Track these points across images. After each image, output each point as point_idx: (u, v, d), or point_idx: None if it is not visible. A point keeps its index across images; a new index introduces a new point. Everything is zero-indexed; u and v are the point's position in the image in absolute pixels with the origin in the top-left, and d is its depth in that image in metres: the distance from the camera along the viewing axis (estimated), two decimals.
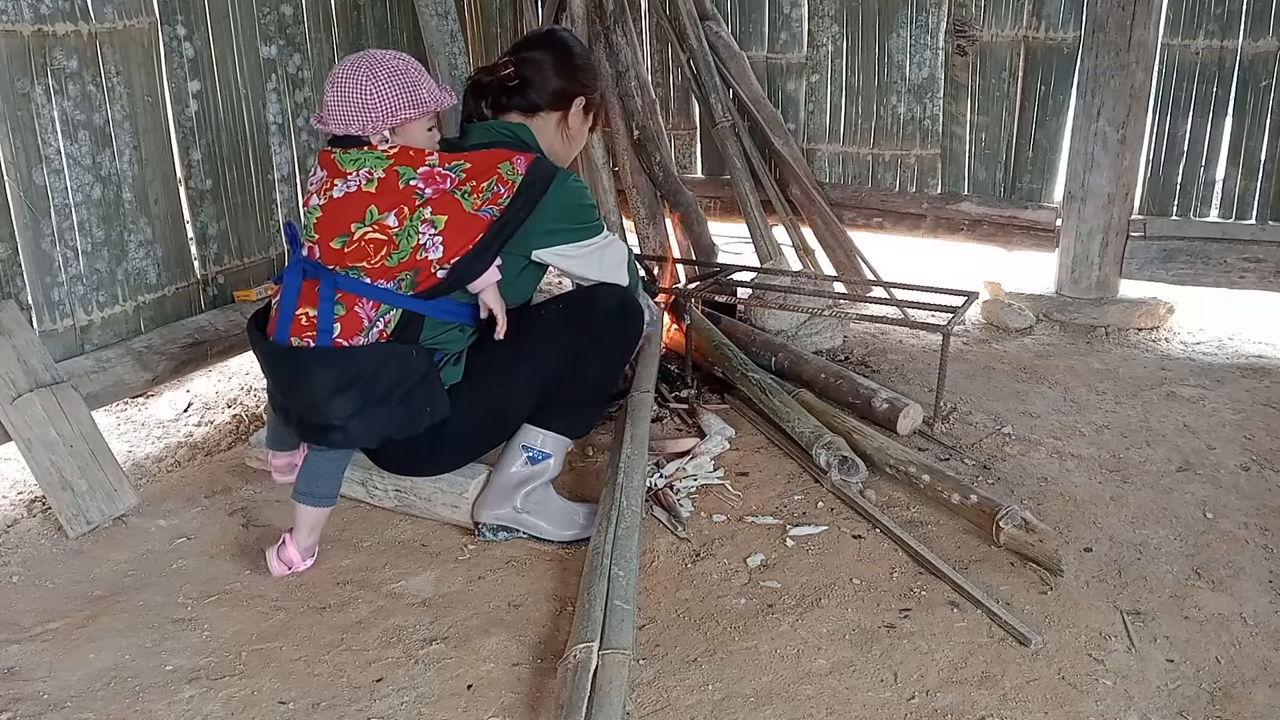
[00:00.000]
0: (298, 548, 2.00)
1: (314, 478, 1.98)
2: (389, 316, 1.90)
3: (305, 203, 1.95)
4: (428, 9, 3.00)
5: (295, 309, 1.89)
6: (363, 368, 1.87)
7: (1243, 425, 2.64)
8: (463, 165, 1.90)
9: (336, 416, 1.88)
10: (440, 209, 1.87)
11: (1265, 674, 1.70)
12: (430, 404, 1.94)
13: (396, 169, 1.87)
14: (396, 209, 1.85)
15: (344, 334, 1.87)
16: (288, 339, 1.89)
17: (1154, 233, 3.42)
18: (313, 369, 1.88)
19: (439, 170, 1.88)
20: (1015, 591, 1.92)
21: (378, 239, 1.85)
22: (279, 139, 2.93)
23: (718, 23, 3.76)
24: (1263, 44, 3.19)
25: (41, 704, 1.64)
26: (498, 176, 1.91)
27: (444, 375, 1.99)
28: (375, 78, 1.86)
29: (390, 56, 1.90)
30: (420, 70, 1.92)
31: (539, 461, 2.10)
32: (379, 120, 1.86)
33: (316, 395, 1.88)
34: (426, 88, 1.91)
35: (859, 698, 1.65)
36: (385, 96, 1.86)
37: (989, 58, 3.56)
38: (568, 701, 1.51)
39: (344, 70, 1.88)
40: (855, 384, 2.66)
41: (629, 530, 1.93)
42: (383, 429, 1.95)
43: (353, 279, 1.87)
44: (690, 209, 3.53)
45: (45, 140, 2.33)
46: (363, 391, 1.87)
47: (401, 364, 1.90)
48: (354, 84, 1.86)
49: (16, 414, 2.14)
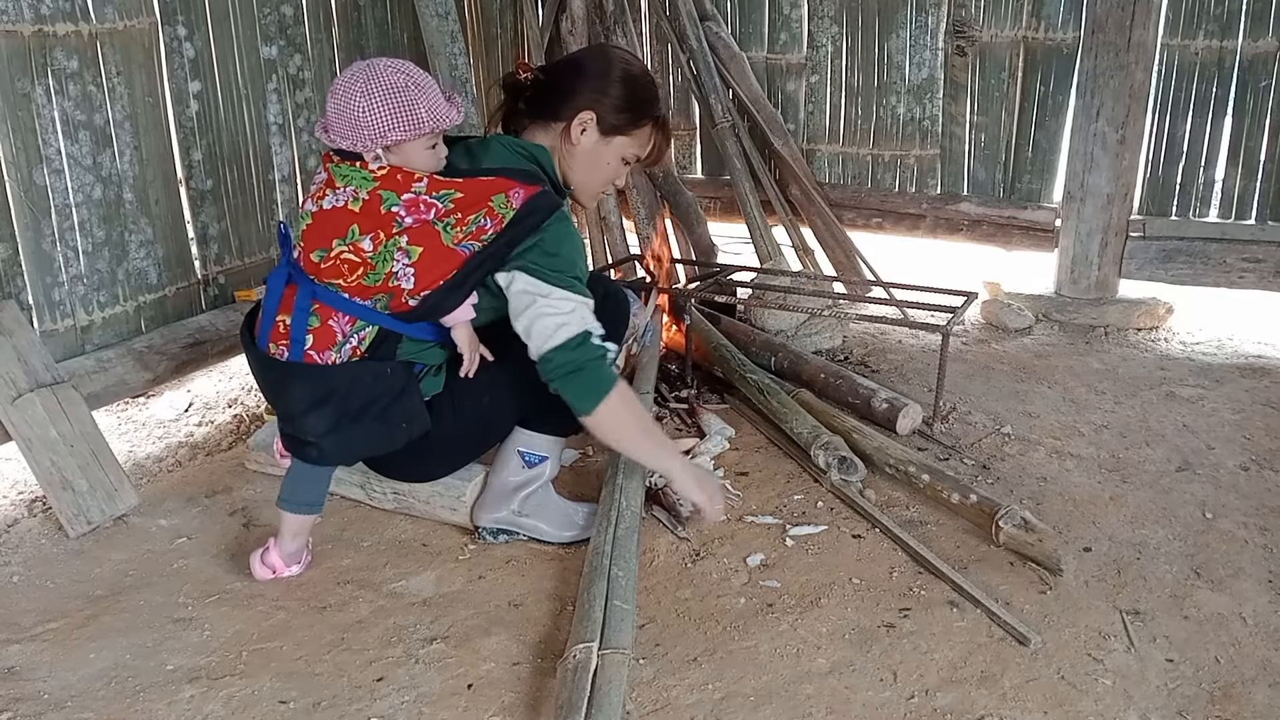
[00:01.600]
0: (281, 553, 1.99)
1: (297, 485, 1.96)
2: (364, 333, 1.86)
3: (302, 204, 1.91)
4: (428, 9, 3.00)
5: (275, 314, 1.87)
6: (337, 385, 1.85)
7: (1242, 425, 2.65)
8: (452, 195, 1.80)
9: (311, 433, 1.87)
10: (417, 239, 1.79)
11: (1265, 674, 1.71)
12: (407, 420, 1.92)
13: (380, 192, 1.78)
14: (373, 234, 1.78)
15: (316, 346, 1.84)
16: (267, 346, 1.88)
17: (1153, 233, 3.42)
18: (289, 382, 1.87)
19: (424, 198, 1.79)
20: (1015, 591, 1.92)
21: (352, 260, 1.80)
22: (279, 139, 2.93)
23: (717, 23, 3.76)
24: (1262, 44, 3.19)
25: (42, 704, 1.65)
26: (487, 209, 1.80)
27: (424, 386, 1.96)
28: (369, 94, 1.75)
29: (391, 71, 1.78)
30: (421, 87, 1.79)
31: (535, 465, 2.09)
32: (369, 139, 1.77)
33: (292, 409, 1.87)
34: (426, 106, 1.78)
35: (859, 697, 1.65)
36: (377, 116, 1.76)
37: (988, 58, 3.56)
38: (567, 701, 1.51)
39: (343, 81, 1.80)
40: (855, 384, 2.66)
41: (629, 531, 1.94)
42: (359, 448, 1.96)
43: (330, 292, 1.83)
44: (690, 209, 3.54)
45: (46, 140, 2.33)
46: (337, 409, 1.85)
47: (377, 381, 1.87)
48: (348, 99, 1.77)
49: (17, 414, 2.14)
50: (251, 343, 1.93)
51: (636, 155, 2.05)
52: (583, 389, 1.84)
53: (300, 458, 1.93)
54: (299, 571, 2.02)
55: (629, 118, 1.99)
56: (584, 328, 1.83)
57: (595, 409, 1.84)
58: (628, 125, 2.00)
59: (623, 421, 1.90)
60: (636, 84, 2.01)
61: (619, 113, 1.98)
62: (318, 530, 2.13)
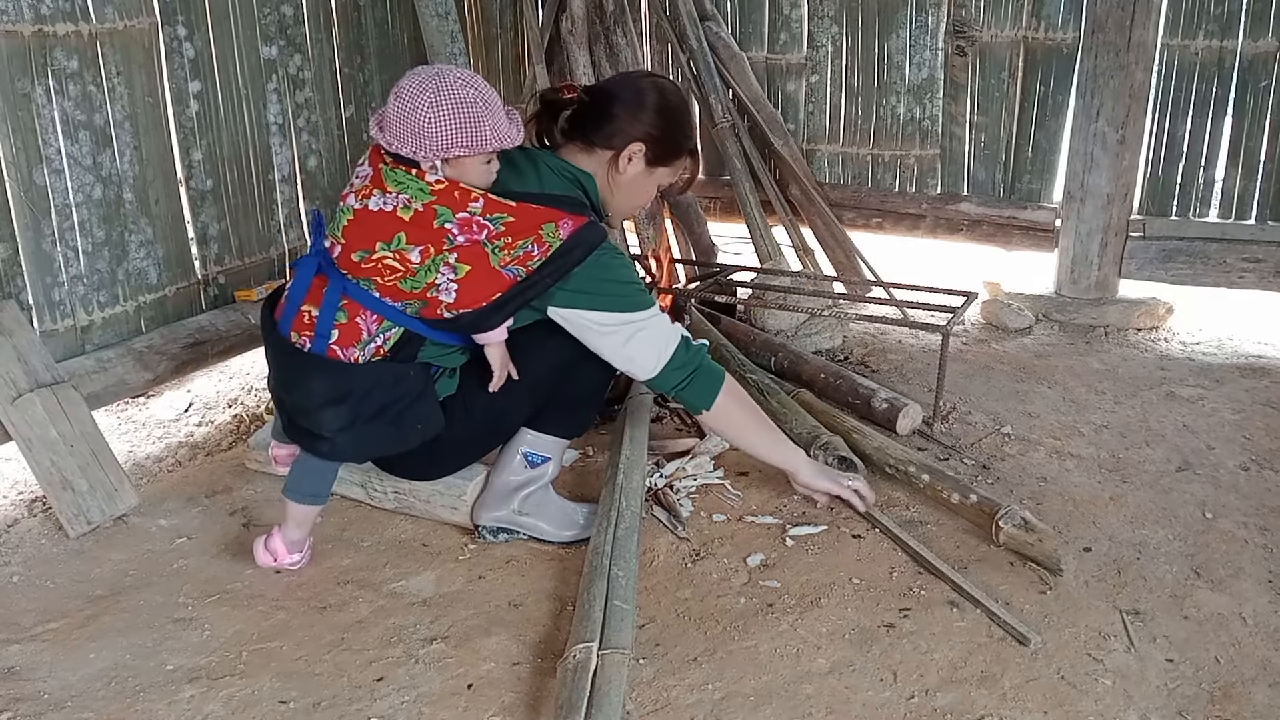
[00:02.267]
0: (284, 540, 1.99)
1: (304, 475, 1.96)
2: (389, 334, 1.87)
3: (342, 198, 1.89)
4: (428, 9, 3.00)
5: (301, 303, 1.87)
6: (356, 385, 1.85)
7: (1242, 425, 2.64)
8: (504, 218, 1.80)
9: (326, 428, 1.87)
10: (466, 258, 1.79)
11: (1265, 674, 1.71)
12: (422, 422, 1.92)
13: (435, 207, 1.77)
14: (423, 246, 1.78)
15: (340, 342, 1.85)
16: (288, 333, 1.88)
17: (1153, 233, 3.42)
18: (307, 375, 1.87)
19: (478, 219, 1.79)
20: (1015, 591, 1.92)
21: (394, 266, 1.80)
22: (279, 139, 2.93)
23: (717, 23, 3.76)
24: (1262, 44, 3.19)
25: (42, 704, 1.65)
26: (536, 237, 1.81)
27: (439, 388, 1.97)
28: (438, 106, 1.73)
29: (461, 85, 1.76)
30: (489, 104, 1.78)
31: (538, 465, 2.10)
32: (432, 150, 1.75)
33: (309, 401, 1.87)
34: (491, 124, 1.77)
35: (859, 697, 1.65)
36: (444, 129, 1.74)
37: (988, 58, 3.56)
38: (567, 701, 1.51)
39: (410, 87, 1.76)
40: (855, 384, 2.66)
41: (629, 531, 1.94)
42: (371, 447, 1.96)
43: (361, 289, 1.84)
44: (690, 209, 3.53)
45: (46, 140, 2.33)
46: (354, 408, 1.86)
47: (397, 383, 1.88)
48: (414, 106, 1.74)
49: (17, 414, 2.14)
50: (274, 326, 1.92)
51: (670, 182, 2.15)
52: (702, 389, 1.99)
53: (310, 451, 1.93)
54: (299, 562, 2.02)
55: (673, 149, 2.06)
56: (679, 335, 1.96)
57: (713, 404, 1.99)
58: (671, 157, 2.06)
59: (737, 415, 2.05)
60: (680, 117, 2.08)
61: (665, 144, 2.03)
62: (318, 530, 2.13)
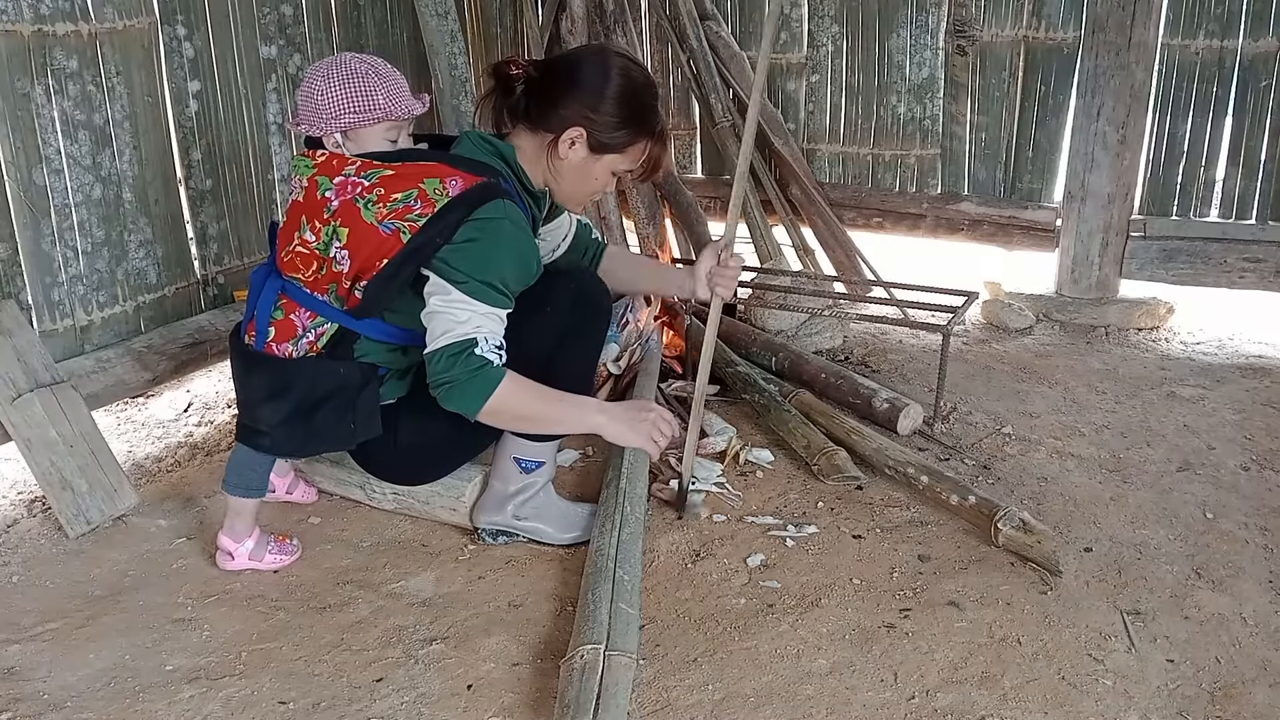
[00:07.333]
0: (226, 533, 2.00)
1: (242, 470, 2.00)
2: (322, 329, 1.90)
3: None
4: (428, 9, 3.00)
5: (255, 307, 1.95)
6: (292, 380, 1.89)
7: (1243, 425, 2.64)
8: (379, 173, 1.79)
9: (264, 422, 1.92)
10: (343, 219, 1.80)
11: (1265, 674, 1.70)
12: (358, 422, 1.92)
13: (317, 179, 1.83)
14: (311, 222, 1.84)
15: (277, 339, 1.91)
16: (244, 335, 1.97)
17: (1154, 233, 3.42)
18: (250, 370, 1.94)
19: (353, 179, 1.80)
20: (1015, 591, 1.92)
21: (304, 253, 1.86)
22: (279, 139, 2.93)
23: (718, 23, 3.76)
24: (1263, 44, 3.19)
25: (41, 704, 1.65)
26: (419, 191, 1.75)
27: (385, 390, 1.96)
28: (330, 79, 1.83)
29: (356, 61, 1.85)
30: (385, 77, 1.85)
31: (532, 471, 2.08)
32: (325, 123, 1.84)
33: (252, 396, 1.94)
34: (386, 93, 1.83)
35: (859, 698, 1.65)
36: (335, 100, 1.82)
37: (989, 58, 3.55)
38: (574, 701, 1.51)
39: (311, 70, 1.89)
40: (855, 384, 2.66)
41: (633, 535, 1.94)
42: (307, 443, 2.00)
43: (295, 286, 1.90)
44: (690, 209, 3.53)
45: (45, 140, 2.33)
46: (290, 403, 1.88)
47: (330, 379, 1.89)
48: (311, 84, 1.85)
49: (16, 414, 2.14)
50: (234, 331, 2.01)
51: (628, 170, 1.95)
52: (460, 400, 1.75)
53: (250, 445, 1.98)
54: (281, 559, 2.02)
55: (622, 136, 1.87)
56: (470, 335, 1.73)
57: (480, 410, 1.76)
58: (620, 145, 1.88)
59: (518, 404, 1.79)
60: (633, 101, 1.86)
61: (611, 131, 1.85)
62: (318, 530, 2.14)
